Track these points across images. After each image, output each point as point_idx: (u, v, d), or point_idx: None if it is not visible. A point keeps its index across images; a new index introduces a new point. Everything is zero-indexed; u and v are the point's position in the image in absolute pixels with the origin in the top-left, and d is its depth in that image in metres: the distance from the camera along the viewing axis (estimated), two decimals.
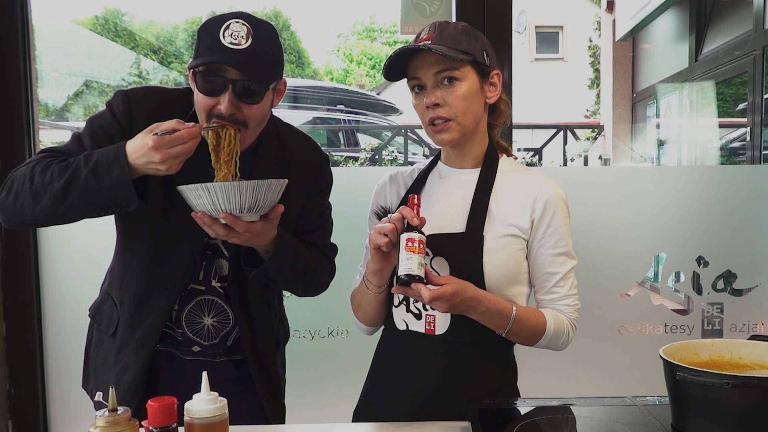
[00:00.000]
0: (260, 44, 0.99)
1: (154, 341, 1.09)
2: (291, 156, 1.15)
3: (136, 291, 1.11)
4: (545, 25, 11.17)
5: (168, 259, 1.09)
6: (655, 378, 0.94)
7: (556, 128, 5.66)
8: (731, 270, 1.78)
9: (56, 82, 4.19)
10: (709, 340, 0.94)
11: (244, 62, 0.98)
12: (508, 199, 1.05)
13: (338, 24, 12.63)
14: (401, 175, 1.15)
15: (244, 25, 0.99)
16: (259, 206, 0.98)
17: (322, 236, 1.21)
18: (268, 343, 1.19)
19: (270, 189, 0.98)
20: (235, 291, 1.12)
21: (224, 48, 0.97)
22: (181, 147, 0.95)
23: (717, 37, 4.85)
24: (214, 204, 0.96)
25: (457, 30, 1.03)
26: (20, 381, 1.72)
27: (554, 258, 1.05)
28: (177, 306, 1.11)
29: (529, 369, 1.72)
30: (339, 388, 1.77)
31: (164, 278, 1.09)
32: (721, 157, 4.95)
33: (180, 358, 1.14)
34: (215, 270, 1.13)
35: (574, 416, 0.98)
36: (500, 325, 1.01)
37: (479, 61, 1.04)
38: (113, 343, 1.13)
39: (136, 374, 1.09)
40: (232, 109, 1.00)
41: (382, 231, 0.96)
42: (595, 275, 1.77)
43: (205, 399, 0.81)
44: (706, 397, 0.81)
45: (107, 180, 0.96)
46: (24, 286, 1.67)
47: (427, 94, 1.02)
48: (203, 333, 1.13)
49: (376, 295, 1.06)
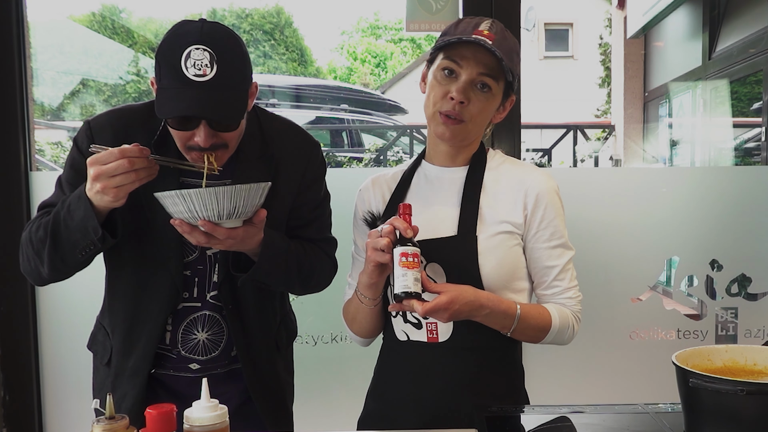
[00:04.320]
0: (227, 67, 0.93)
1: (147, 368, 1.08)
2: (276, 148, 1.10)
3: (124, 319, 1.10)
4: (555, 22, 11.10)
5: (150, 287, 1.08)
6: (668, 385, 0.92)
7: (566, 128, 5.61)
8: (746, 274, 1.75)
9: (52, 80, 4.19)
10: (723, 345, 0.92)
11: (213, 101, 0.93)
12: (499, 196, 1.04)
13: (342, 21, 12.63)
14: (384, 178, 1.13)
15: (205, 51, 0.92)
16: (239, 212, 0.94)
17: (318, 230, 1.16)
18: (265, 348, 1.15)
19: (249, 194, 0.94)
20: (227, 297, 1.09)
21: (189, 82, 0.92)
22: (122, 176, 0.91)
23: (731, 35, 4.77)
24: (191, 211, 0.92)
25: (513, 46, 1.02)
26: (15, 388, 1.70)
27: (551, 251, 1.03)
28: (170, 327, 1.10)
29: (539, 375, 1.70)
30: (343, 394, 1.76)
31: (148, 305, 1.08)
32: (736, 158, 4.88)
33: (180, 377, 1.11)
34: (210, 284, 1.10)
35: (585, 424, 0.97)
36: (505, 325, 0.99)
37: (512, 85, 1.03)
38: (108, 372, 1.13)
39: (133, 401, 1.08)
40: (210, 140, 0.97)
41: (379, 247, 0.94)
42: (606, 279, 1.75)
43: (205, 406, 0.80)
44: (719, 405, 0.80)
45: (77, 217, 0.96)
46: (19, 291, 1.67)
47: (459, 86, 0.99)
48: (198, 349, 1.11)
49: (371, 308, 1.04)
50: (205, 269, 1.09)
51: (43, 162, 3.71)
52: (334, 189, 1.23)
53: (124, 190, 0.93)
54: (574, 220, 1.25)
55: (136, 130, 1.04)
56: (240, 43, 0.99)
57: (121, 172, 0.91)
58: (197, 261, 1.08)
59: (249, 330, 1.12)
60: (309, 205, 1.15)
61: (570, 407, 1.00)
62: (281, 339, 1.21)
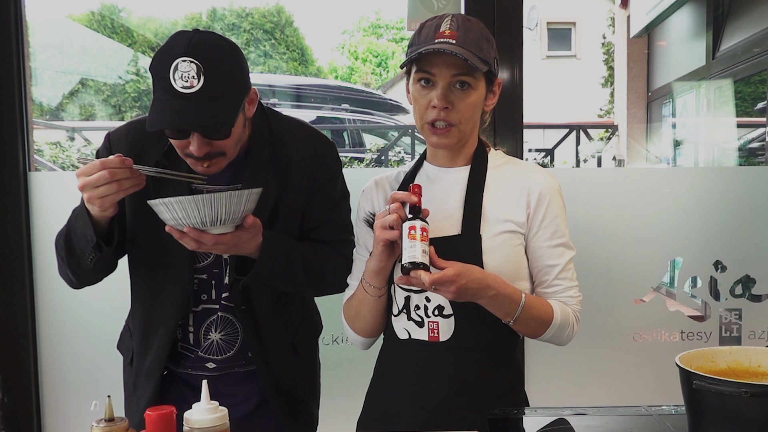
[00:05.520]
0: (214, 78, 0.95)
1: (160, 370, 1.12)
2: (286, 150, 1.11)
3: (140, 323, 1.15)
4: (557, 22, 11.08)
5: (163, 291, 1.11)
6: (671, 386, 0.91)
7: (569, 128, 5.59)
8: (750, 275, 1.74)
9: (51, 80, 4.16)
10: (727, 347, 0.92)
11: (199, 112, 0.94)
12: (501, 195, 1.04)
13: (343, 20, 12.57)
14: (386, 179, 1.13)
15: (192, 63, 0.94)
16: (222, 219, 0.95)
17: (332, 232, 1.15)
18: (282, 349, 1.16)
19: (231, 201, 0.94)
20: (238, 299, 1.10)
21: (177, 94, 0.94)
22: (105, 187, 0.95)
23: (735, 34, 4.75)
24: (176, 219, 0.95)
25: (479, 34, 1.01)
26: (14, 389, 1.71)
27: (552, 250, 1.03)
28: (192, 328, 1.12)
29: (542, 377, 1.70)
30: (343, 396, 1.74)
31: (161, 310, 1.12)
32: (740, 158, 4.86)
33: (199, 376, 1.13)
34: (223, 286, 1.12)
35: (587, 426, 0.96)
36: (509, 312, 0.98)
37: (492, 71, 1.03)
38: (131, 372, 1.18)
39: (148, 401, 1.11)
40: (204, 149, 0.99)
41: (387, 224, 0.94)
42: (608, 280, 1.75)
43: (204, 408, 0.80)
44: (723, 407, 0.79)
45: (80, 227, 1.02)
46: (18, 292, 1.66)
47: (438, 93, 0.99)
48: (213, 349, 1.13)
49: (376, 299, 1.04)
50: (220, 272, 1.11)
51: (42, 162, 3.71)
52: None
53: (109, 201, 0.97)
54: (576, 220, 1.24)
55: (149, 141, 1.07)
56: (232, 52, 0.99)
57: (102, 183, 0.95)
58: (213, 264, 1.10)
59: (263, 331, 1.13)
60: (322, 206, 1.15)
61: (572, 409, 1.00)
62: (300, 340, 1.20)
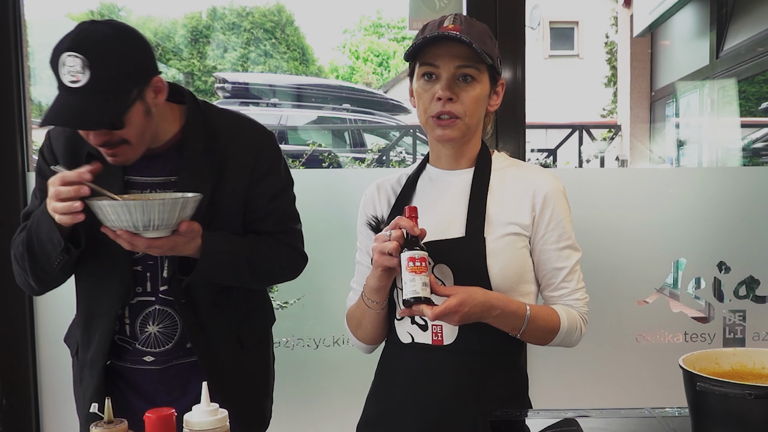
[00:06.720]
0: (101, 69, 0.95)
1: (102, 360, 1.12)
2: (223, 142, 1.11)
3: (83, 313, 1.16)
4: (560, 21, 11.05)
5: (103, 282, 1.11)
6: (675, 388, 0.91)
7: (571, 128, 5.59)
8: (754, 276, 1.73)
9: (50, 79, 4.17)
10: (730, 349, 0.91)
11: (81, 106, 0.95)
12: (506, 197, 1.03)
13: (344, 19, 12.55)
14: (389, 183, 1.12)
15: (77, 57, 0.94)
16: (155, 224, 0.95)
17: (277, 222, 1.16)
18: (226, 342, 1.15)
19: (165, 207, 0.94)
20: (178, 292, 1.10)
21: (66, 88, 0.96)
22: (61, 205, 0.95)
23: (739, 33, 4.73)
24: (109, 221, 0.96)
25: (482, 28, 1.01)
26: (13, 392, 1.70)
27: (559, 252, 1.03)
28: (128, 320, 1.12)
29: (544, 379, 1.69)
30: (345, 398, 1.75)
31: (101, 300, 1.12)
32: (744, 158, 4.84)
33: (137, 369, 1.13)
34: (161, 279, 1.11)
35: (590, 428, 0.95)
36: (515, 327, 0.98)
37: (495, 68, 1.02)
38: (77, 364, 1.18)
39: (93, 392, 1.12)
40: (101, 139, 1.00)
41: (386, 251, 0.93)
42: (612, 281, 1.73)
43: (204, 410, 0.80)
44: (727, 409, 0.79)
45: (44, 231, 1.01)
46: (16, 294, 1.65)
47: (442, 85, 0.99)
48: (150, 341, 1.12)
49: (378, 312, 1.03)
50: (156, 264, 1.10)
51: None
52: (335, 190, 1.22)
53: (69, 218, 0.97)
54: (579, 221, 1.24)
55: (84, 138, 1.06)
56: (122, 43, 0.98)
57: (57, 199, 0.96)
58: (147, 256, 1.09)
59: (205, 324, 1.12)
60: (264, 197, 1.14)
61: (575, 411, 1.00)
62: (246, 333, 1.19)
